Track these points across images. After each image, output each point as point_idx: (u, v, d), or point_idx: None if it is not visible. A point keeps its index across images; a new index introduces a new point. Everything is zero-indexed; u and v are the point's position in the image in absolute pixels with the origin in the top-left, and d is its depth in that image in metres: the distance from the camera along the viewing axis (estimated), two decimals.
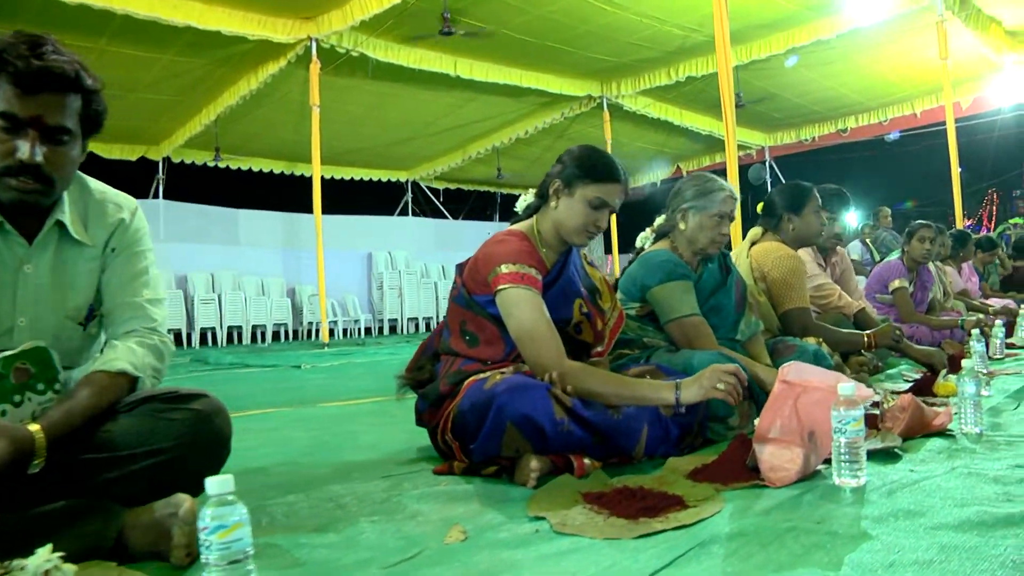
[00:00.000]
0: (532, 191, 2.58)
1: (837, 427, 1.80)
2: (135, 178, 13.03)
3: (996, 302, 6.87)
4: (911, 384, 3.41)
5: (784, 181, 16.08)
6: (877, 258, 8.47)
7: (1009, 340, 5.30)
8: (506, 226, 2.82)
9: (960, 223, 10.22)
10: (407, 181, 16.42)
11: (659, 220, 3.07)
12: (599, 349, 2.57)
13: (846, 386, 1.81)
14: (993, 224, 19.61)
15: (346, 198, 14.60)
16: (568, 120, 13.28)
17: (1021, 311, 5.53)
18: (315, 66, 9.96)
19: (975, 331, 3.97)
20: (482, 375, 2.24)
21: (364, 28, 9.55)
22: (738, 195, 3.04)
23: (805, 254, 4.15)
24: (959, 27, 9.90)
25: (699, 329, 2.76)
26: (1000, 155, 17.57)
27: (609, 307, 2.64)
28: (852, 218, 23.89)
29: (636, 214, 5.04)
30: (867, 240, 9.01)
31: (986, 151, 17.29)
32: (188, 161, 13.25)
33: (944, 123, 11.39)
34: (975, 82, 12.40)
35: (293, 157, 13.74)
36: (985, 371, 3.89)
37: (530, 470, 1.99)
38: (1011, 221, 13.58)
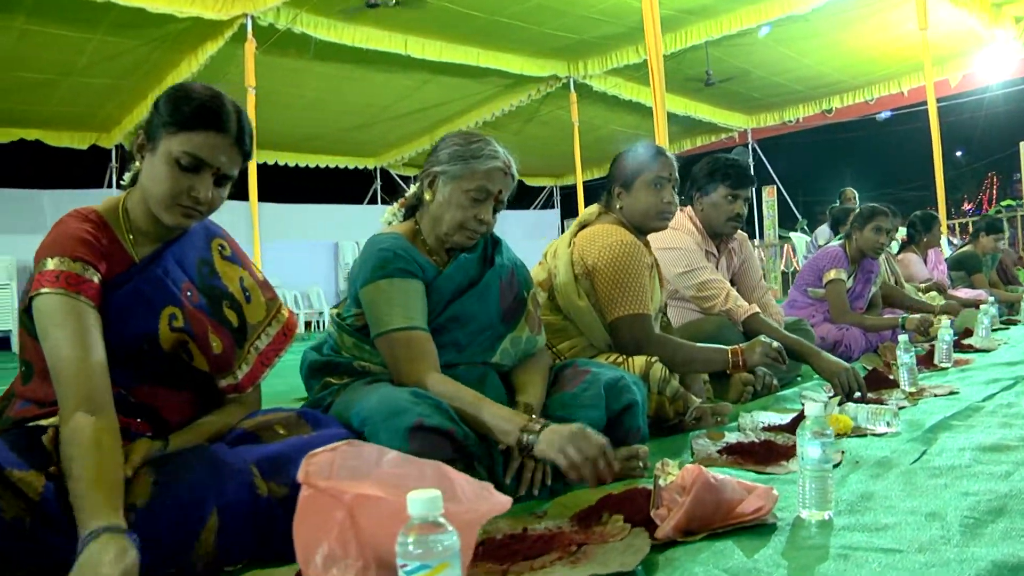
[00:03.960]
0: None
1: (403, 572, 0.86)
2: (88, 167, 12.21)
3: (966, 293, 5.85)
4: (793, 417, 2.44)
5: (768, 165, 15.03)
6: None
7: (967, 341, 4.32)
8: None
9: (942, 208, 9.18)
10: (375, 168, 15.42)
11: (413, 188, 2.13)
12: (230, 382, 1.65)
13: (421, 497, 0.87)
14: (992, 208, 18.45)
15: (312, 186, 13.71)
16: (536, 103, 12.26)
17: (983, 307, 4.52)
18: (250, 45, 9.04)
19: (903, 339, 3.04)
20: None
21: (299, 2, 8.66)
22: None
23: (690, 238, 3.18)
24: None
25: (412, 349, 1.84)
26: (994, 135, 16.36)
27: (260, 320, 1.73)
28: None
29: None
30: None
31: (983, 131, 16.14)
32: None
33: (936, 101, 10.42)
34: (963, 58, 11.27)
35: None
36: (912, 390, 2.96)
37: None
38: (1003, 203, 12.43)
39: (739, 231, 3.47)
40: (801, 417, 2.37)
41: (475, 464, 1.71)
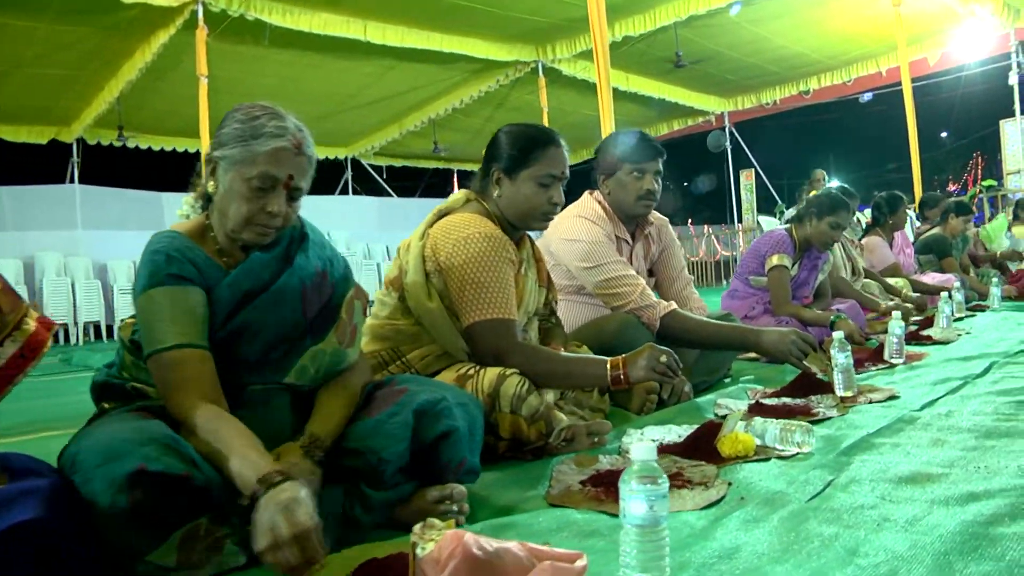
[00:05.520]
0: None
1: None
2: (49, 162, 11.84)
3: (934, 278, 5.45)
4: (689, 435, 2.04)
5: (746, 148, 14.59)
6: None
7: (927, 332, 3.94)
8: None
9: (918, 189, 8.79)
10: (346, 158, 14.99)
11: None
12: None
13: None
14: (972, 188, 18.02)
15: None
16: (505, 88, 11.87)
17: (943, 297, 4.11)
18: (201, 32, 8.59)
19: (837, 336, 2.66)
20: None
21: None
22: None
23: (598, 228, 2.78)
24: None
25: (180, 372, 1.46)
26: (977, 114, 15.87)
27: None
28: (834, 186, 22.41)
29: None
30: None
31: (966, 110, 15.68)
32: (105, 143, 11.95)
33: (913, 80, 10.02)
34: (940, 35, 10.85)
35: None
36: (848, 394, 2.59)
37: None
38: (984, 183, 12.01)
39: (659, 216, 3.07)
40: (704, 432, 2.00)
41: (231, 518, 1.34)
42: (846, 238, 4.50)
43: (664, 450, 1.98)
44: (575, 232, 2.75)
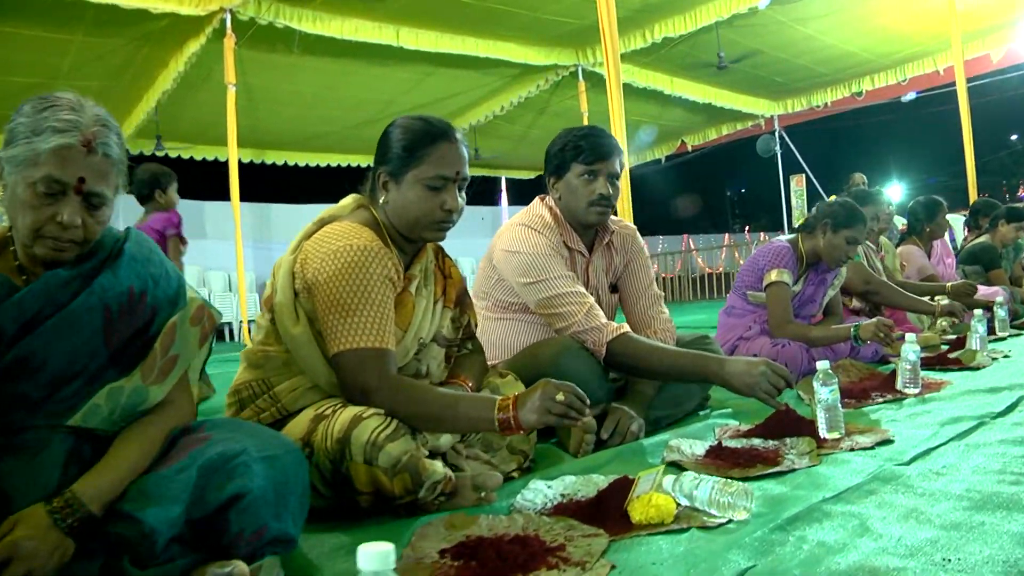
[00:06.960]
0: None
1: None
2: None
3: (982, 291, 4.87)
4: (598, 492, 1.64)
5: (796, 152, 13.90)
6: None
7: (955, 355, 3.44)
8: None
9: (972, 196, 8.12)
10: None
11: None
12: None
13: None
14: None
15: (322, 186, 13.10)
16: (546, 93, 11.47)
17: (976, 315, 3.58)
18: (229, 40, 8.47)
19: (822, 367, 2.24)
20: None
21: None
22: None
23: (542, 239, 2.39)
24: None
25: None
26: None
27: None
28: (896, 192, 21.30)
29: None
30: None
31: None
32: (148, 153, 11.95)
33: (974, 79, 9.35)
34: (1005, 29, 10.03)
35: (256, 144, 12.28)
36: (833, 436, 2.17)
37: None
38: None
39: (626, 223, 2.66)
40: (612, 490, 1.61)
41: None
42: (869, 246, 3.99)
43: (567, 509, 1.59)
44: (516, 243, 2.37)
